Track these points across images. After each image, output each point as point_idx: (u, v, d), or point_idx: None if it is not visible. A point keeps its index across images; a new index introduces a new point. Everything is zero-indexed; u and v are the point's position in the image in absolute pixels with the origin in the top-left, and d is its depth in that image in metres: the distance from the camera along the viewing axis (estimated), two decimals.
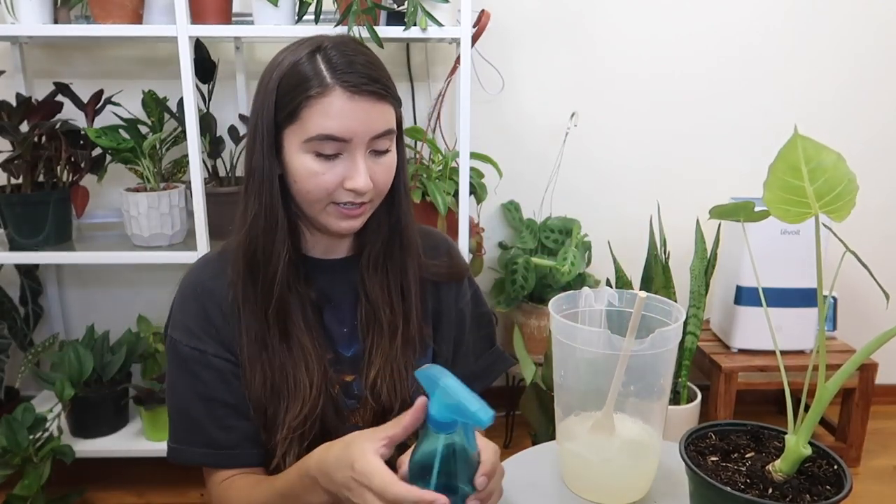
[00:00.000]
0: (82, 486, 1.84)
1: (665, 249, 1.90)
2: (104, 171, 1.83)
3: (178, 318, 0.88)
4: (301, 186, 0.81)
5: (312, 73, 0.77)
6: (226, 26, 1.67)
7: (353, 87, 0.77)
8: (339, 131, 0.77)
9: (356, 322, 0.91)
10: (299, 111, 0.77)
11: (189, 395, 0.86)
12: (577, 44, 2.13)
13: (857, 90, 2.19)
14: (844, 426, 2.06)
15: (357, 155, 0.79)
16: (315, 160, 0.79)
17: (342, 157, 0.79)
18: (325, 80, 0.77)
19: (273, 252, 0.83)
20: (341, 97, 0.77)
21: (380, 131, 0.80)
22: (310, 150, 0.79)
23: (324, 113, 0.77)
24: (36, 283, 2.07)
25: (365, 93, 0.77)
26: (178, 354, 0.86)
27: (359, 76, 0.77)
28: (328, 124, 0.77)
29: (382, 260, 0.90)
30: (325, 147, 0.78)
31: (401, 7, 1.69)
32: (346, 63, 0.78)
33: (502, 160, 1.94)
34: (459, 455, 0.66)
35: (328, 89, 0.76)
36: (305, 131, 0.78)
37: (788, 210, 0.61)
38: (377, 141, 0.80)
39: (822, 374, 0.66)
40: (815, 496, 0.65)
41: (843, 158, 0.58)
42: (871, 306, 2.17)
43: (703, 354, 2.06)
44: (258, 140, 0.81)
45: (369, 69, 0.79)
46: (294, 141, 0.79)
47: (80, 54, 2.01)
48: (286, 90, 0.78)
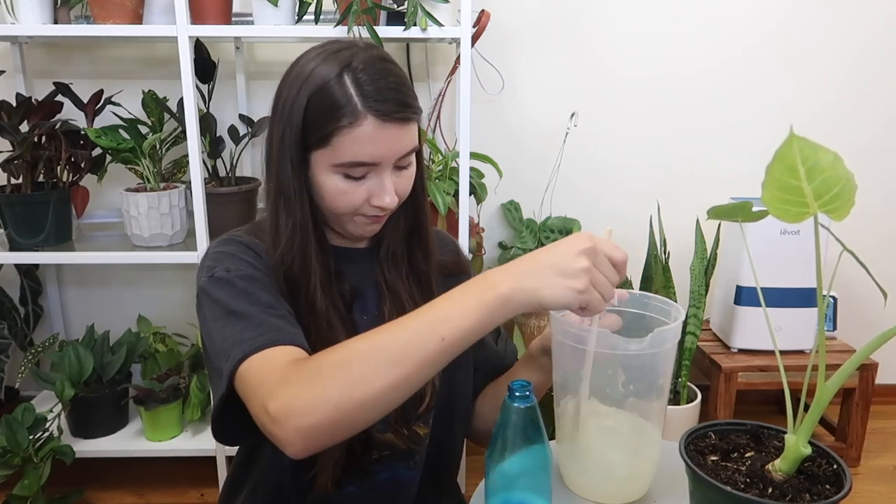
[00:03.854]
0: (82, 486, 1.84)
1: (665, 249, 1.90)
2: (104, 171, 1.83)
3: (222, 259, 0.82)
4: (329, 203, 0.83)
5: (344, 99, 0.77)
6: (226, 26, 1.67)
7: (385, 115, 0.78)
8: (370, 157, 0.79)
9: (376, 312, 0.92)
10: (330, 138, 0.78)
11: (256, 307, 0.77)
12: (577, 44, 2.13)
13: (856, 90, 2.20)
14: (844, 426, 2.06)
15: (384, 175, 0.81)
16: (343, 181, 0.81)
17: (369, 177, 0.81)
18: (356, 108, 0.77)
19: (310, 268, 0.84)
20: (372, 125, 0.77)
21: (406, 151, 0.82)
22: (339, 172, 0.80)
23: (355, 141, 0.78)
24: (36, 283, 2.07)
25: (395, 120, 0.79)
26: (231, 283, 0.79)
27: (390, 104, 0.78)
28: (359, 152, 0.78)
29: (402, 254, 0.93)
30: (354, 171, 0.80)
31: (401, 7, 1.69)
32: (376, 90, 0.78)
33: (502, 160, 1.94)
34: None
35: (360, 118, 0.77)
36: (337, 157, 0.79)
37: (787, 210, 0.61)
38: (402, 159, 0.82)
39: (821, 374, 0.66)
40: (815, 496, 0.65)
41: (840, 158, 0.58)
42: (870, 306, 2.17)
43: (703, 354, 2.06)
44: (286, 156, 0.81)
45: (399, 94, 0.79)
46: (323, 163, 0.80)
47: (80, 54, 2.01)
48: (316, 114, 0.78)
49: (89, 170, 1.81)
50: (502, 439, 0.76)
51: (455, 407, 0.98)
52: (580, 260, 0.66)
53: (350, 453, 0.87)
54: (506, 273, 0.67)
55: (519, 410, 0.75)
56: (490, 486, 0.78)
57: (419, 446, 0.94)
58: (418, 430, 0.94)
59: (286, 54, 2.06)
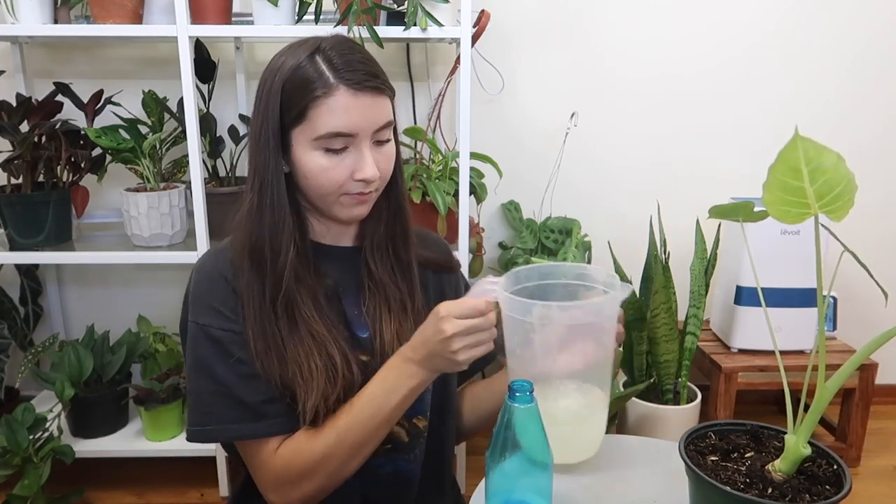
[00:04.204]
0: (82, 486, 1.84)
1: (665, 249, 1.90)
2: (104, 171, 1.83)
3: (203, 303, 0.88)
4: (313, 182, 0.85)
5: (316, 74, 0.82)
6: (226, 26, 1.67)
7: (356, 84, 0.82)
8: (347, 127, 0.82)
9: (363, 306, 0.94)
10: (307, 112, 0.82)
11: (229, 375, 0.85)
12: (577, 44, 2.13)
13: (856, 90, 2.19)
14: (844, 426, 2.06)
15: (363, 147, 0.84)
16: (324, 156, 0.83)
17: (349, 151, 0.84)
18: (328, 80, 0.81)
19: (281, 247, 0.85)
20: (346, 95, 0.81)
21: (382, 123, 0.85)
22: (319, 147, 0.83)
23: (330, 111, 0.81)
24: (36, 283, 2.07)
25: (367, 89, 0.82)
26: (210, 338, 0.86)
27: (360, 74, 0.82)
28: (335, 121, 0.82)
29: (386, 243, 0.95)
30: (333, 143, 0.83)
31: (401, 7, 1.69)
32: (345, 62, 0.82)
33: (502, 160, 1.93)
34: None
35: (333, 89, 0.81)
36: (314, 130, 0.82)
37: (788, 211, 0.61)
38: (379, 132, 0.85)
39: (821, 374, 0.66)
40: (815, 496, 0.65)
41: (842, 159, 0.58)
42: (870, 306, 2.17)
43: (703, 354, 2.06)
44: (262, 141, 0.84)
45: (367, 66, 0.84)
46: (303, 140, 0.83)
47: (80, 54, 2.01)
48: (291, 92, 0.82)
49: (89, 170, 1.81)
50: (503, 439, 0.76)
51: (450, 399, 1.00)
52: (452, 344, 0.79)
53: None
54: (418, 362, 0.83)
55: (519, 410, 0.75)
56: (490, 487, 0.78)
57: (419, 438, 0.96)
58: (417, 423, 0.95)
59: None
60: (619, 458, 0.95)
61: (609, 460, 0.93)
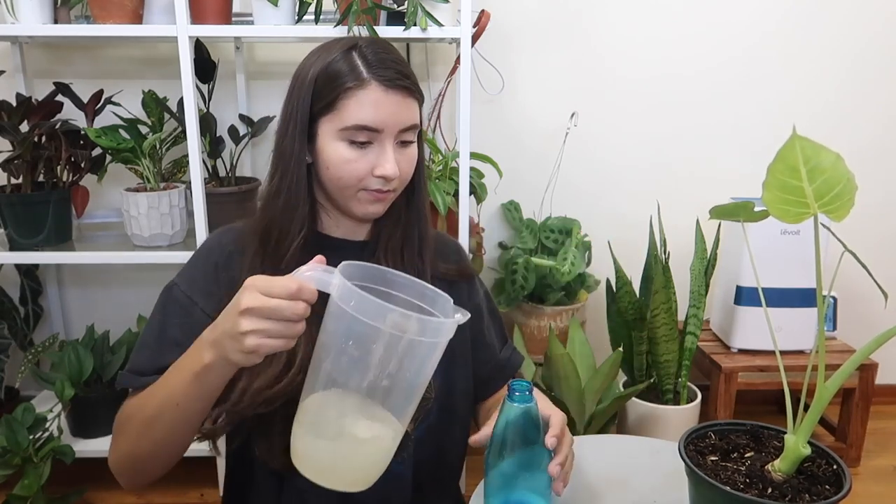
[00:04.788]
0: (82, 486, 1.84)
1: (665, 249, 1.90)
2: (104, 171, 1.83)
3: (186, 271, 0.92)
4: (333, 173, 0.86)
5: (349, 68, 0.83)
6: (226, 26, 1.67)
7: (388, 81, 0.83)
8: (373, 121, 0.83)
9: None
10: (336, 102, 0.83)
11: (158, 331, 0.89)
12: (577, 44, 2.13)
13: (856, 90, 2.20)
14: (844, 426, 2.06)
15: (386, 144, 0.85)
16: (348, 148, 0.84)
17: (373, 146, 0.85)
18: (361, 73, 0.83)
19: (290, 231, 0.86)
20: (377, 90, 0.83)
21: (408, 124, 0.86)
22: (344, 138, 0.84)
23: (360, 103, 0.82)
24: (36, 283, 2.07)
25: (398, 87, 0.84)
26: (170, 295, 0.90)
27: (393, 72, 0.84)
28: (363, 114, 0.83)
29: (400, 246, 0.95)
30: (358, 136, 0.84)
31: (401, 7, 1.69)
32: (380, 60, 0.84)
33: (502, 160, 1.94)
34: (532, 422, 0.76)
35: (365, 82, 0.83)
36: (342, 120, 0.83)
37: (788, 210, 0.61)
38: (404, 133, 0.86)
39: (821, 374, 0.66)
40: (815, 496, 0.65)
41: (841, 158, 0.58)
42: (870, 306, 2.17)
43: (703, 354, 2.06)
44: (290, 127, 0.86)
45: (401, 66, 0.85)
46: (329, 129, 0.85)
47: (80, 54, 2.01)
48: (324, 83, 0.84)
49: (89, 170, 1.81)
50: (502, 439, 0.76)
51: (454, 405, 0.98)
52: (242, 323, 0.66)
53: None
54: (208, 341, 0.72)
55: (518, 410, 0.75)
56: (489, 486, 0.78)
57: (406, 442, 0.94)
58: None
59: (286, 54, 2.06)
60: (619, 458, 0.95)
61: (609, 460, 0.93)
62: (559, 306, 2.04)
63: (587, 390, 1.77)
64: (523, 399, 0.75)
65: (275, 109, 2.00)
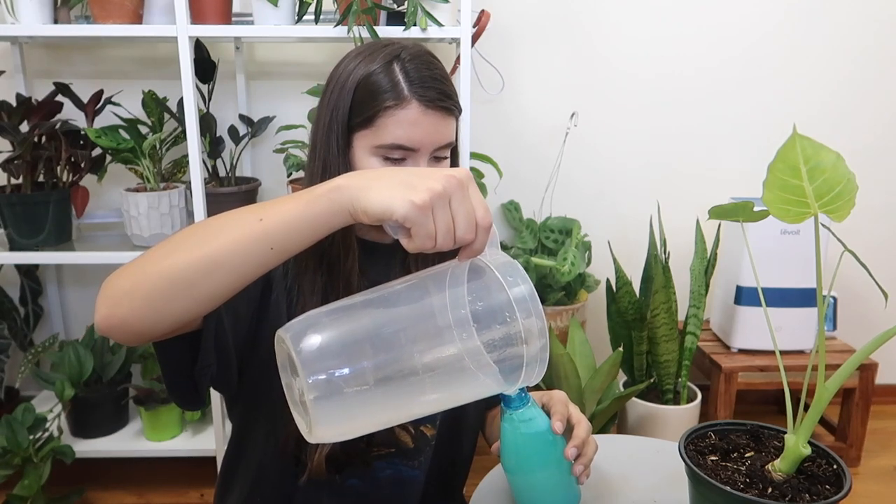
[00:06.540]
0: (82, 486, 1.84)
1: (665, 249, 1.90)
2: (104, 171, 1.83)
3: None
4: None
5: (391, 84, 0.81)
6: (226, 26, 1.67)
7: (429, 101, 0.81)
8: (411, 141, 0.81)
9: None
10: (375, 118, 0.81)
11: None
12: (577, 43, 2.13)
13: (857, 90, 2.19)
14: (844, 426, 2.06)
15: (421, 162, 0.83)
16: (382, 164, 0.83)
17: (406, 163, 0.83)
18: (402, 91, 0.81)
19: (350, 246, 0.86)
20: (416, 109, 0.81)
21: (443, 143, 0.84)
22: (378, 154, 0.83)
23: (398, 123, 0.81)
24: (36, 283, 2.07)
25: (438, 107, 0.82)
26: None
27: (434, 91, 0.82)
28: (401, 134, 0.81)
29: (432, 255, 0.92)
30: (393, 153, 0.82)
31: (401, 7, 1.69)
32: (422, 78, 0.82)
33: (502, 160, 1.94)
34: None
35: (405, 101, 0.81)
36: (379, 138, 0.82)
37: (788, 210, 0.61)
38: (439, 150, 0.85)
39: (821, 374, 0.66)
40: (815, 496, 0.65)
41: (842, 158, 0.58)
42: (870, 306, 2.17)
43: (703, 354, 2.06)
44: (333, 137, 0.84)
45: (443, 84, 0.83)
46: (364, 144, 0.83)
47: (80, 54, 2.01)
48: (363, 96, 0.82)
49: (89, 170, 1.81)
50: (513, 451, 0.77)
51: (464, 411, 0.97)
52: (437, 182, 0.57)
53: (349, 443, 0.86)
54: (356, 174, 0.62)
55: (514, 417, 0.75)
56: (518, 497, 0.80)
57: (425, 447, 0.94)
58: (425, 431, 0.94)
59: (286, 54, 2.06)
60: (619, 458, 0.95)
61: (609, 460, 0.93)
62: (559, 306, 2.04)
63: (587, 390, 1.77)
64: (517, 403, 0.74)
65: (275, 109, 2.02)
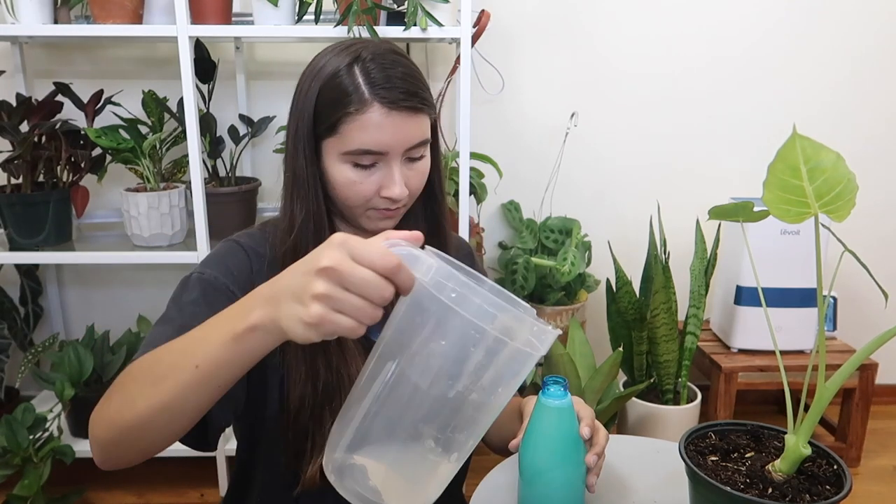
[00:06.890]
0: (82, 486, 1.84)
1: (665, 249, 1.90)
2: (104, 171, 1.83)
3: (217, 259, 0.85)
4: (340, 193, 0.84)
5: (352, 87, 0.79)
6: (226, 26, 1.67)
7: (391, 102, 0.79)
8: (377, 145, 0.80)
9: None
10: (338, 126, 0.80)
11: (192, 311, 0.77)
12: (577, 43, 2.13)
13: (857, 90, 2.20)
14: (844, 426, 2.06)
15: (393, 165, 0.82)
16: (353, 170, 0.82)
17: (378, 167, 0.82)
18: (363, 95, 0.79)
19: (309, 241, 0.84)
20: (379, 112, 0.79)
21: (415, 142, 0.82)
22: (348, 160, 0.81)
23: (362, 128, 0.79)
24: (36, 283, 2.07)
25: (402, 108, 0.79)
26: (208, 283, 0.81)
27: (397, 91, 0.79)
28: (366, 139, 0.79)
29: None
30: (362, 159, 0.81)
31: (401, 7, 1.69)
32: (384, 77, 0.79)
33: (502, 160, 1.94)
34: None
35: (366, 105, 0.78)
36: (344, 145, 0.80)
37: (788, 210, 0.61)
38: (412, 150, 0.83)
39: (821, 374, 0.66)
40: (815, 496, 0.65)
41: (842, 158, 0.58)
42: (870, 306, 2.17)
43: (703, 354, 2.06)
44: (300, 147, 0.83)
45: (406, 83, 0.80)
46: (332, 152, 0.82)
47: (80, 54, 2.01)
48: (325, 103, 0.81)
49: (89, 170, 1.81)
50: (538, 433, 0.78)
51: None
52: (316, 284, 0.52)
53: None
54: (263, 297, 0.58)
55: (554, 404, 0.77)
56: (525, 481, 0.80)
57: None
58: None
59: (286, 54, 2.06)
60: (619, 458, 0.95)
61: (609, 460, 0.93)
62: (559, 306, 2.04)
63: (587, 390, 1.77)
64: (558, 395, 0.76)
65: (275, 109, 2.02)
